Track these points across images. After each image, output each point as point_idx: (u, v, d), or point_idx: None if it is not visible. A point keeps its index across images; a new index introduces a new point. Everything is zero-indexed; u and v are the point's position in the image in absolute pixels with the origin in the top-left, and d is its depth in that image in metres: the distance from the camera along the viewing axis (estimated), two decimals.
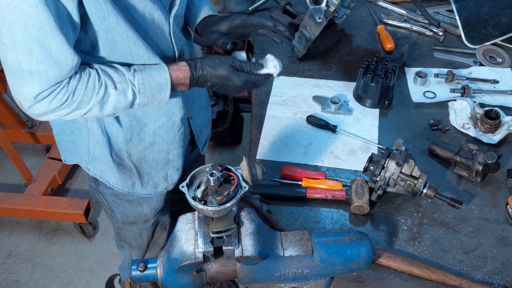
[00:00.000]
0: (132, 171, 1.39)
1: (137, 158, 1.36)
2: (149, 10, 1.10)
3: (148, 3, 1.09)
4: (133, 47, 1.11)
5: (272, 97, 1.70)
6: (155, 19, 1.14)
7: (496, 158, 1.35)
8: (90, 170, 1.37)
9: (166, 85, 1.14)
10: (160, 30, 1.17)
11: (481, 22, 1.90)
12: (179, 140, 1.39)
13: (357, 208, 1.32)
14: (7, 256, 2.59)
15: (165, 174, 1.44)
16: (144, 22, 1.12)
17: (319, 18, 1.60)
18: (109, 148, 1.31)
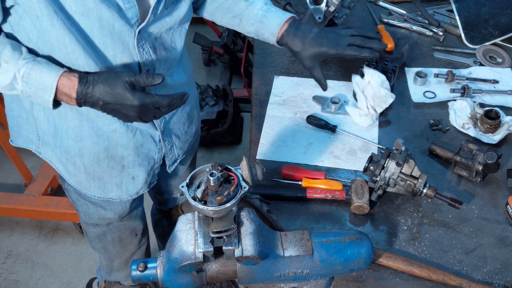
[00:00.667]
0: (80, 171, 1.35)
1: (89, 160, 1.32)
2: (106, 18, 1.06)
3: (104, 11, 1.04)
4: (71, 55, 1.08)
5: (272, 97, 1.70)
6: (116, 29, 1.09)
7: (496, 158, 1.35)
8: (41, 154, 1.34)
9: (50, 88, 1.05)
10: (122, 41, 1.12)
11: (481, 22, 1.90)
12: (134, 146, 1.33)
13: (357, 208, 1.32)
14: (7, 256, 2.59)
15: (119, 182, 1.39)
16: (100, 30, 1.07)
17: (319, 18, 1.60)
18: (57, 140, 1.28)
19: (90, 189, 1.39)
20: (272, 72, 1.80)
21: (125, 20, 1.09)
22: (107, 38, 1.09)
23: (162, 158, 1.45)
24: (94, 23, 1.05)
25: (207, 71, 3.69)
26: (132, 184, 1.41)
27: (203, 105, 2.92)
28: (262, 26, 1.38)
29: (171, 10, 1.19)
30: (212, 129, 2.96)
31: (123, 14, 1.08)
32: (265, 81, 1.77)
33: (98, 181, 1.37)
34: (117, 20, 1.07)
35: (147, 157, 1.38)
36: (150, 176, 1.44)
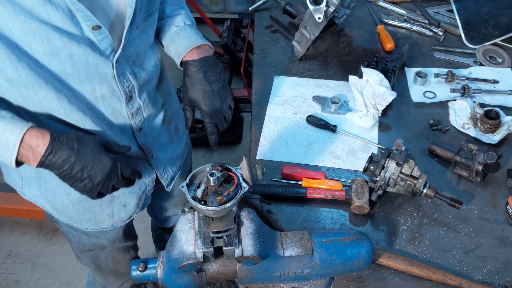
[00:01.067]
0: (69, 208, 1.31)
1: (77, 198, 1.28)
2: (78, 55, 1.00)
3: (74, 48, 0.99)
4: (43, 100, 1.03)
5: (272, 97, 1.70)
6: (90, 63, 1.03)
7: (496, 158, 1.35)
8: (25, 195, 1.31)
9: (13, 146, 0.97)
10: (98, 74, 1.06)
11: (481, 22, 1.90)
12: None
13: (357, 208, 1.32)
14: (7, 256, 2.59)
15: (111, 212, 1.37)
16: (72, 68, 1.02)
17: (319, 18, 1.60)
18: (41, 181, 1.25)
19: (82, 223, 1.36)
20: (272, 72, 1.80)
21: (99, 52, 1.03)
22: (81, 74, 1.04)
23: (154, 180, 1.42)
24: (65, 62, 1.00)
25: None
26: (124, 211, 1.39)
27: None
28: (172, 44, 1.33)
29: (143, 28, 1.15)
30: None
31: (95, 46, 1.02)
32: (265, 81, 1.77)
33: (89, 214, 1.34)
34: (90, 54, 1.02)
35: (137, 183, 1.35)
36: (142, 199, 1.42)
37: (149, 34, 1.19)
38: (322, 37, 1.82)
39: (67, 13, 0.94)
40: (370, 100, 1.58)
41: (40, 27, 0.93)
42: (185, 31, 1.33)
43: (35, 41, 0.94)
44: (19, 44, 0.94)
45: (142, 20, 1.13)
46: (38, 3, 0.90)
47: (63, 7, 0.93)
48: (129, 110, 1.19)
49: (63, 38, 0.96)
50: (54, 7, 0.92)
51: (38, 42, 0.94)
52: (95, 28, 0.99)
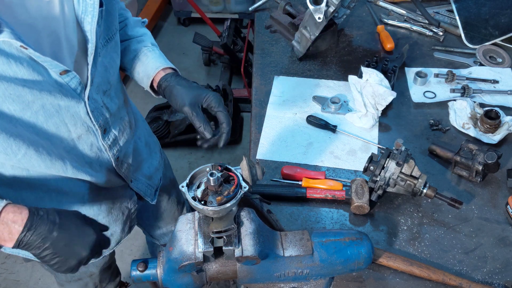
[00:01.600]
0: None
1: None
2: (49, 103, 0.97)
3: (46, 97, 0.96)
4: (23, 159, 0.99)
5: (272, 97, 1.70)
6: (62, 106, 1.00)
7: (496, 158, 1.35)
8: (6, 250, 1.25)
9: None
10: (70, 114, 1.03)
11: (481, 22, 1.90)
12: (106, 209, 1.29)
13: (357, 208, 1.32)
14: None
15: None
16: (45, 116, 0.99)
17: (319, 18, 1.60)
18: None
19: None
20: (272, 72, 1.80)
21: (70, 94, 1.00)
22: (55, 119, 1.01)
23: (136, 202, 1.41)
24: (37, 112, 0.97)
25: (207, 71, 3.69)
26: (112, 239, 1.36)
27: None
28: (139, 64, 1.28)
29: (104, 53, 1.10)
30: None
31: (65, 89, 0.99)
32: (265, 81, 1.77)
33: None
34: (62, 99, 0.99)
35: (121, 209, 1.34)
36: (128, 223, 1.40)
37: (112, 57, 1.15)
38: (322, 37, 1.82)
39: (32, 64, 0.91)
40: (370, 100, 1.58)
41: (9, 87, 0.89)
42: (154, 52, 1.28)
43: (5, 101, 0.91)
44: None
45: (103, 46, 1.09)
46: (2, 62, 0.87)
47: (27, 60, 0.90)
48: (105, 143, 1.16)
49: (33, 91, 0.93)
50: (19, 62, 0.89)
51: (9, 101, 0.91)
52: (63, 73, 0.96)
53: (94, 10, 0.98)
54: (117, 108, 1.19)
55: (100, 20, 1.02)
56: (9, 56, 0.87)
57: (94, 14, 0.98)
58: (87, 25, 0.99)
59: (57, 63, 0.93)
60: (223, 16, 3.84)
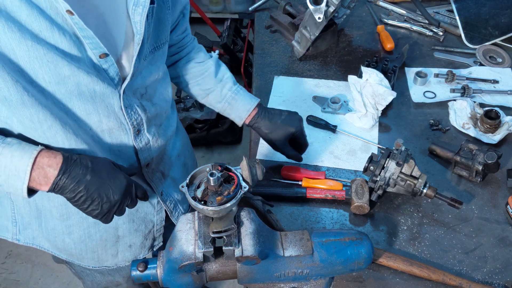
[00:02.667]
0: (70, 247, 1.25)
1: (79, 236, 1.23)
2: (85, 83, 0.96)
3: (82, 76, 0.95)
4: (47, 132, 0.97)
5: (272, 97, 1.70)
6: (97, 92, 1.00)
7: (496, 158, 1.35)
8: (20, 241, 1.24)
9: (24, 173, 0.92)
10: (105, 104, 1.03)
11: (481, 22, 1.90)
12: (128, 213, 1.22)
13: (357, 208, 1.32)
14: (7, 256, 2.59)
15: (115, 252, 1.31)
16: (79, 98, 0.98)
17: (319, 18, 1.60)
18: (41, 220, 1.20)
19: (84, 260, 1.30)
20: (272, 72, 1.80)
21: (107, 81, 1.00)
22: (88, 104, 1.00)
23: (164, 220, 1.36)
24: (72, 91, 0.96)
25: None
26: (129, 252, 1.33)
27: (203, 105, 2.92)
28: (229, 107, 1.38)
29: (150, 60, 1.12)
30: (212, 129, 2.96)
31: (103, 75, 0.98)
32: (265, 81, 1.77)
33: (92, 253, 1.28)
34: (98, 83, 0.98)
35: (144, 221, 1.31)
36: (149, 239, 1.36)
37: (157, 66, 1.16)
38: (322, 37, 1.82)
39: (74, 39, 0.91)
40: (370, 100, 1.58)
41: (48, 53, 0.88)
42: (239, 93, 1.38)
43: (42, 68, 0.90)
44: (25, 70, 0.89)
45: (150, 52, 1.10)
46: (46, 27, 0.86)
47: (71, 33, 0.90)
48: (137, 144, 1.15)
49: (71, 65, 0.92)
50: (62, 32, 0.88)
51: (45, 69, 0.90)
52: (102, 56, 0.95)
53: (146, 2, 0.99)
54: (156, 115, 1.18)
55: (150, 17, 1.03)
56: (54, 23, 0.87)
57: (146, 5, 0.99)
58: (137, 15, 0.99)
59: (98, 41, 0.93)
60: (223, 16, 3.84)
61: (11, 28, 0.83)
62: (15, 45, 0.85)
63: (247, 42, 3.10)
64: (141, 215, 1.29)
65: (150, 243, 1.37)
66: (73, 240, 1.24)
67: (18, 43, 0.85)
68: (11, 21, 0.83)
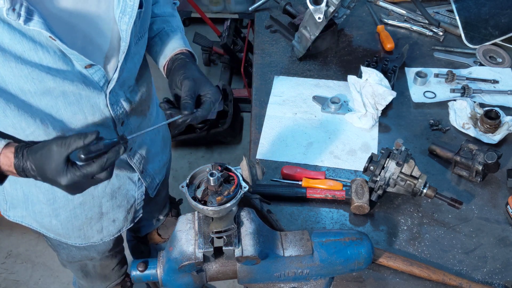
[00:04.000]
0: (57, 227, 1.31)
1: (65, 217, 1.28)
2: (71, 91, 1.00)
3: (67, 86, 0.98)
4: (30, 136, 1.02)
5: (272, 97, 1.70)
6: (83, 96, 1.03)
7: (496, 158, 1.35)
8: (10, 217, 1.31)
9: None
10: (90, 105, 1.05)
11: (481, 22, 1.90)
12: (111, 192, 1.29)
13: (357, 208, 1.32)
14: (7, 256, 2.59)
15: (100, 227, 1.36)
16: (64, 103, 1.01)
17: (319, 18, 1.60)
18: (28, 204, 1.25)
19: (71, 238, 1.36)
20: (272, 72, 1.80)
21: (92, 86, 1.03)
22: (73, 106, 1.03)
23: (144, 193, 1.40)
24: (57, 98, 0.99)
25: (207, 71, 3.69)
26: (113, 226, 1.39)
27: None
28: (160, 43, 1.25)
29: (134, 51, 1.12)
30: (212, 129, 2.96)
31: (89, 81, 1.01)
32: (265, 81, 1.77)
33: (78, 231, 1.34)
34: (83, 89, 1.01)
35: (126, 197, 1.35)
36: (132, 213, 1.41)
37: (140, 55, 1.17)
38: (322, 37, 1.82)
39: (59, 54, 0.93)
40: (370, 100, 1.58)
41: (32, 71, 0.92)
42: (175, 33, 1.26)
43: (27, 83, 0.93)
44: (9, 87, 0.93)
45: (135, 44, 1.10)
46: (29, 48, 0.89)
47: (55, 50, 0.92)
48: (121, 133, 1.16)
49: (56, 78, 0.95)
50: (46, 50, 0.91)
51: (30, 84, 0.93)
52: (88, 67, 0.98)
53: (133, 11, 0.99)
54: (139, 101, 1.20)
55: (137, 20, 1.04)
56: (37, 43, 0.90)
57: (132, 15, 0.99)
58: (124, 24, 1.00)
59: (82, 57, 0.95)
60: (223, 16, 3.84)
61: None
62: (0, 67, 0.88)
63: (247, 42, 3.10)
64: (123, 191, 1.33)
65: (132, 216, 1.42)
66: (60, 221, 1.29)
67: (2, 65, 0.89)
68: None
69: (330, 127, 1.60)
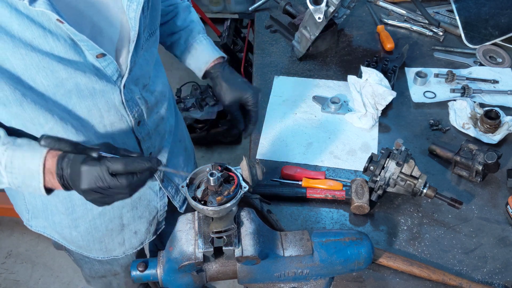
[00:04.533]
0: (78, 239, 1.29)
1: (85, 229, 1.26)
2: (84, 83, 0.97)
3: (80, 77, 0.96)
4: (49, 132, 0.98)
5: (272, 97, 1.70)
6: (97, 90, 1.00)
7: (496, 158, 1.35)
8: (32, 227, 1.29)
9: (37, 173, 0.94)
10: (105, 100, 1.03)
11: (481, 22, 1.90)
12: (131, 202, 1.26)
13: (357, 208, 1.32)
14: (7, 256, 2.59)
15: (122, 240, 1.33)
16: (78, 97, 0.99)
17: (319, 18, 1.60)
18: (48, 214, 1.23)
19: (92, 251, 1.34)
20: (272, 72, 1.80)
21: (105, 79, 1.00)
22: (88, 101, 1.01)
23: (167, 204, 1.37)
24: (71, 91, 0.97)
25: None
26: (135, 238, 1.36)
27: (203, 105, 2.92)
28: (190, 57, 1.36)
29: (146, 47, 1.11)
30: (212, 129, 2.96)
31: (101, 73, 0.99)
32: (265, 81, 1.77)
33: (99, 244, 1.31)
34: (97, 82, 0.99)
35: (148, 207, 1.32)
36: (154, 224, 1.38)
37: (152, 52, 1.15)
38: (322, 37, 1.82)
39: (69, 43, 0.91)
40: (370, 100, 1.58)
41: (43, 60, 0.90)
42: (201, 43, 1.36)
43: (39, 74, 0.91)
44: (22, 78, 0.91)
45: (146, 40, 1.09)
46: (39, 35, 0.87)
47: (65, 37, 0.90)
48: (138, 135, 1.15)
49: (68, 68, 0.93)
50: (56, 38, 0.89)
51: (42, 74, 0.92)
52: (99, 56, 0.96)
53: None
54: (156, 103, 1.19)
55: (146, 10, 1.03)
56: (46, 29, 0.88)
57: (140, 2, 0.98)
58: (132, 12, 0.98)
59: (93, 44, 0.93)
60: (223, 16, 3.83)
61: (3, 39, 0.85)
62: (10, 55, 0.87)
63: (247, 42, 3.10)
64: (144, 202, 1.31)
65: (155, 227, 1.39)
66: (79, 233, 1.27)
67: (12, 52, 0.87)
68: (3, 33, 0.85)
69: (330, 127, 1.60)
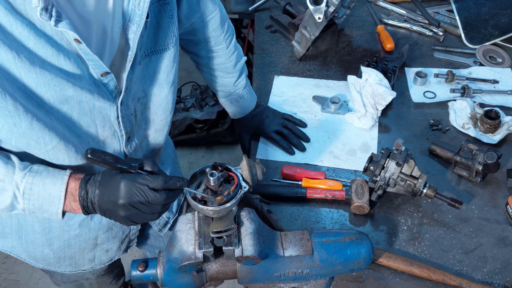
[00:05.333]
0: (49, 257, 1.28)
1: (59, 247, 1.26)
2: (86, 100, 0.98)
3: (85, 95, 0.97)
4: (51, 151, 0.99)
5: (272, 97, 1.70)
6: (96, 106, 1.01)
7: (496, 158, 1.35)
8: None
9: (58, 199, 0.96)
10: (102, 116, 1.04)
11: (481, 22, 1.90)
12: (107, 223, 1.26)
13: (357, 208, 1.32)
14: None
15: (92, 257, 1.34)
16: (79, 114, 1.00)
17: (319, 18, 1.60)
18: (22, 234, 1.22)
19: (61, 267, 1.33)
20: (272, 72, 1.80)
21: (106, 96, 1.01)
22: (87, 118, 1.02)
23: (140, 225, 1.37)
24: (73, 108, 0.98)
25: None
26: (106, 256, 1.36)
27: (203, 105, 2.92)
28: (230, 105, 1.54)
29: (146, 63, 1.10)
30: (212, 129, 2.96)
31: (103, 90, 1.00)
32: (265, 81, 1.77)
33: (69, 260, 1.31)
34: (98, 99, 1.00)
35: (121, 228, 1.33)
36: (125, 243, 1.38)
37: (153, 69, 1.13)
38: (322, 37, 1.82)
39: (77, 60, 0.92)
40: (370, 100, 1.58)
41: (55, 78, 0.90)
42: (243, 98, 1.52)
43: (48, 91, 0.92)
44: (33, 96, 0.91)
45: (145, 55, 1.08)
46: (52, 54, 0.88)
47: (74, 55, 0.91)
48: (127, 150, 1.15)
49: (75, 86, 0.94)
50: (67, 56, 0.90)
51: (51, 92, 0.92)
52: (104, 75, 0.97)
53: (141, 20, 0.97)
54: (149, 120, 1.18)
55: (144, 31, 1.02)
56: (60, 47, 0.89)
57: (140, 24, 0.97)
58: (131, 33, 0.98)
59: (101, 63, 0.94)
60: None
61: (21, 57, 0.85)
62: (24, 73, 0.87)
63: (247, 42, 3.10)
64: (119, 224, 1.30)
65: (126, 245, 1.40)
66: (52, 250, 1.26)
67: (27, 71, 0.87)
68: (21, 51, 0.85)
69: (330, 127, 1.60)
